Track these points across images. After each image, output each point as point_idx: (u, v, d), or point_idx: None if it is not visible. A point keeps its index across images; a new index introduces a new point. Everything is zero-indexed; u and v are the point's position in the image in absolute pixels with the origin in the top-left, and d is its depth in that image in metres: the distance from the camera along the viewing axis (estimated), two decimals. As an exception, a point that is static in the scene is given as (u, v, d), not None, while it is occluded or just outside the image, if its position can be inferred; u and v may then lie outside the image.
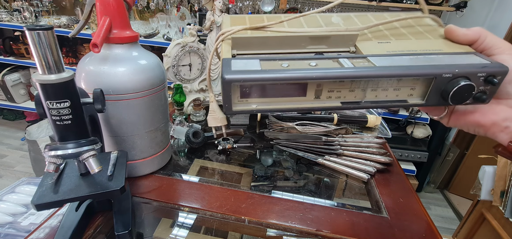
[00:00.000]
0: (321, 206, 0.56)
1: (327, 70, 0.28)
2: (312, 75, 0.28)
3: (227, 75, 0.27)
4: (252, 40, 0.33)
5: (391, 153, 0.75)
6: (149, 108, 0.53)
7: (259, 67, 0.28)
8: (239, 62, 0.29)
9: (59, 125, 0.37)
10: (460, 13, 1.78)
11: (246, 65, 0.29)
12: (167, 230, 0.50)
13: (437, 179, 2.07)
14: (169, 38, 1.86)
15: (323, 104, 0.31)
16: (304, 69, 0.28)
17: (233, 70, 0.28)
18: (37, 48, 0.33)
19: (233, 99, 0.29)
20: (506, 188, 1.00)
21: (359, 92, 0.30)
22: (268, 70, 0.28)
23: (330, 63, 0.29)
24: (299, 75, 0.28)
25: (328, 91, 0.30)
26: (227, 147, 0.72)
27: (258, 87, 0.29)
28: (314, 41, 0.34)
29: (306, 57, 0.31)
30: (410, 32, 0.36)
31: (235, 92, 0.29)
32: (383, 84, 0.30)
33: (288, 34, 0.33)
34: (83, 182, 0.42)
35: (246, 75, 0.27)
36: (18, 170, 1.89)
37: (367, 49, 0.33)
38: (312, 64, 0.29)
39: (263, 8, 1.99)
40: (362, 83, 0.29)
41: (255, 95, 0.29)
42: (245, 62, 0.29)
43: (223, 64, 0.29)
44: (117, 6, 0.47)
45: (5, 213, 0.94)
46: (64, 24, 1.99)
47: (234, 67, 0.28)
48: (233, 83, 0.27)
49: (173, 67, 0.84)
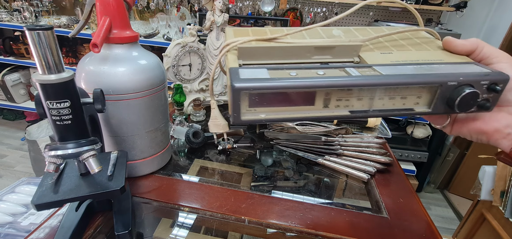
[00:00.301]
0: (321, 206, 0.56)
1: (336, 78, 0.28)
2: (322, 83, 0.28)
3: (237, 83, 0.27)
4: (258, 50, 0.33)
5: (391, 153, 0.75)
6: (149, 108, 0.53)
7: (267, 75, 0.28)
8: (247, 71, 0.29)
9: (59, 125, 0.37)
10: (460, 13, 1.78)
11: (254, 73, 0.29)
12: (167, 230, 0.50)
13: (437, 179, 2.07)
14: (169, 38, 1.86)
15: (332, 113, 0.31)
16: (313, 77, 0.28)
17: (242, 78, 0.27)
18: (37, 48, 0.33)
19: (242, 109, 0.28)
20: (506, 188, 1.00)
21: (367, 101, 0.30)
22: (278, 78, 0.28)
23: (337, 72, 0.30)
24: (309, 83, 0.28)
25: (337, 100, 0.30)
26: (227, 147, 0.72)
27: (268, 95, 0.29)
28: (319, 52, 0.34)
29: (313, 67, 0.31)
30: (409, 44, 0.38)
31: (244, 101, 0.28)
32: (390, 92, 0.30)
33: (294, 44, 0.33)
34: (83, 182, 0.42)
35: (256, 83, 0.27)
36: (18, 170, 1.89)
37: (371, 59, 0.34)
38: (320, 73, 0.29)
39: (263, 8, 1.99)
40: (370, 91, 0.30)
41: (264, 104, 0.29)
42: (253, 71, 0.29)
43: (231, 73, 0.28)
44: (117, 6, 0.47)
45: (5, 213, 0.94)
46: (64, 24, 1.99)
47: (243, 75, 0.28)
48: (242, 92, 0.27)
49: (173, 67, 0.84)
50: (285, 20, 1.19)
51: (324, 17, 2.11)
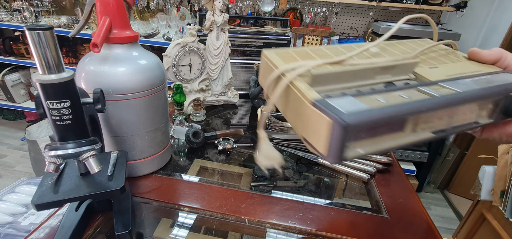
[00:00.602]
0: (321, 206, 0.56)
1: (437, 100, 0.28)
2: (430, 106, 0.27)
3: (348, 119, 0.23)
4: (331, 76, 0.31)
5: (391, 153, 0.75)
6: (149, 108, 0.53)
7: (363, 104, 0.26)
8: (339, 102, 0.26)
9: (59, 125, 0.37)
10: (460, 13, 1.78)
11: (351, 104, 0.25)
12: (167, 230, 0.50)
13: (437, 179, 2.07)
14: (169, 38, 1.86)
15: (418, 137, 0.29)
16: (418, 101, 0.27)
17: (350, 112, 0.24)
18: (37, 48, 0.33)
19: (348, 146, 0.25)
20: (506, 188, 1.00)
21: (445, 119, 0.30)
22: (391, 106, 0.26)
23: (419, 94, 0.29)
24: (420, 107, 0.26)
25: (423, 123, 0.29)
26: (227, 147, 0.72)
27: (370, 128, 0.26)
28: (383, 71, 0.34)
29: (391, 89, 0.30)
30: (440, 56, 0.39)
31: (350, 137, 0.25)
32: (464, 108, 0.30)
33: (365, 66, 0.32)
34: (83, 182, 0.42)
35: (369, 115, 0.24)
36: (18, 170, 1.89)
37: (426, 74, 0.34)
38: (405, 97, 0.28)
39: (263, 8, 1.99)
40: (450, 109, 0.30)
41: (363, 136, 0.26)
42: (345, 101, 0.26)
43: (325, 107, 0.25)
44: (117, 6, 0.47)
45: (5, 213, 0.94)
46: (64, 24, 1.99)
47: (345, 108, 0.24)
48: (353, 127, 0.23)
49: (173, 67, 0.84)
50: (285, 20, 1.19)
51: (324, 17, 2.11)
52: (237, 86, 1.08)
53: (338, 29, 2.22)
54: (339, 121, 0.23)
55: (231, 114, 0.95)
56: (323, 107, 0.25)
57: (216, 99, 0.98)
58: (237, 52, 1.07)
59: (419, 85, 0.31)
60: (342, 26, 2.21)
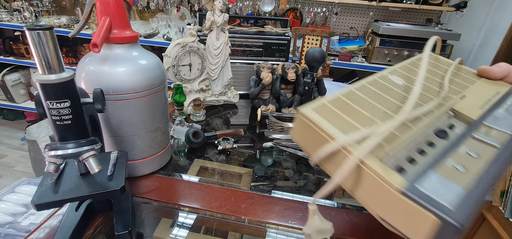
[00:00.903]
0: (321, 206, 0.56)
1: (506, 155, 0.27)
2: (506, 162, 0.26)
3: (461, 219, 0.20)
4: (399, 144, 0.27)
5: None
6: (149, 108, 0.53)
7: (455, 184, 0.23)
8: (431, 186, 0.22)
9: (59, 125, 0.37)
10: (460, 13, 1.78)
11: (443, 187, 0.22)
12: (167, 230, 0.50)
13: (437, 179, 2.07)
14: (169, 38, 1.86)
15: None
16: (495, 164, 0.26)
17: (455, 205, 0.21)
18: (37, 48, 0.33)
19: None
20: (506, 188, 1.00)
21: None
22: (479, 183, 0.23)
23: (481, 146, 0.28)
24: (500, 171, 0.25)
25: None
26: (227, 147, 0.72)
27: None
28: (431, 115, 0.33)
29: (453, 146, 0.28)
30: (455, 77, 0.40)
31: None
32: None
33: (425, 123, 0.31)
34: (83, 182, 0.42)
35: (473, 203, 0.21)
36: (18, 170, 1.89)
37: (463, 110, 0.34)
38: (473, 156, 0.26)
39: (263, 8, 1.99)
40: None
41: None
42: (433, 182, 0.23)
43: (421, 199, 0.21)
44: (117, 6, 0.47)
45: (5, 213, 0.94)
46: (64, 24, 1.99)
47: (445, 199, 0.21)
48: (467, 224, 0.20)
49: (173, 67, 0.84)
50: (285, 20, 1.19)
51: (324, 17, 2.11)
52: (237, 86, 1.08)
53: (338, 29, 2.22)
54: (451, 222, 0.20)
55: (231, 115, 0.95)
56: (418, 199, 0.21)
57: (216, 99, 0.98)
58: (237, 52, 1.07)
59: (470, 131, 0.30)
60: (342, 26, 2.21)
